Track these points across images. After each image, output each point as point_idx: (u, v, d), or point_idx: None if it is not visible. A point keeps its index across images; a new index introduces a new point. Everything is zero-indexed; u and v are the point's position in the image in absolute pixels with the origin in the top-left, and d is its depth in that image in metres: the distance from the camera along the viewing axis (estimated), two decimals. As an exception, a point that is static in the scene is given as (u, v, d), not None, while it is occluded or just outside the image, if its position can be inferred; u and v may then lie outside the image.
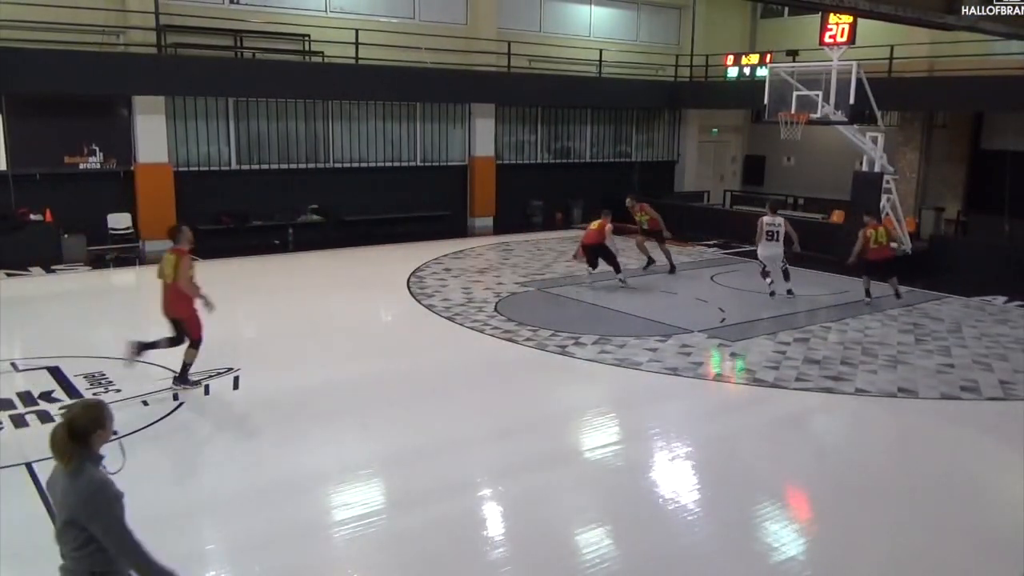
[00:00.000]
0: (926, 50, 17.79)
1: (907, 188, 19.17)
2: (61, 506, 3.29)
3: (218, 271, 14.72)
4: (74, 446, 3.24)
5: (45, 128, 15.12)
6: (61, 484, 3.28)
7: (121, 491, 3.32)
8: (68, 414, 3.31)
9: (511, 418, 7.84)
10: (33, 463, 6.47)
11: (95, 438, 3.31)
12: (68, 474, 3.25)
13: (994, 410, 8.34)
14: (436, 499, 6.14)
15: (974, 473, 6.93)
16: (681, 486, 6.56)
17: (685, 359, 9.66)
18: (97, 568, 3.30)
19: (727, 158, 25.18)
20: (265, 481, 6.38)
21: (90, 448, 3.29)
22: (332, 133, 18.28)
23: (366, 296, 13.04)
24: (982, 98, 16.64)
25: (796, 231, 12.93)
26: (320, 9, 17.72)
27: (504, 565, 5.31)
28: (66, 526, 3.26)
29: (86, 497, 3.21)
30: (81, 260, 14.82)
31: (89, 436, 3.28)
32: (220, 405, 8.02)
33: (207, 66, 15.74)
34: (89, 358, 9.15)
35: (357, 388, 8.61)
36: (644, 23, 23.20)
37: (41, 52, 14.01)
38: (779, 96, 15.83)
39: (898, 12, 7.13)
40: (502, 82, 19.29)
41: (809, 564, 5.38)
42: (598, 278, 13.61)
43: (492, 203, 20.31)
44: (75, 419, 3.27)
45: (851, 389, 8.71)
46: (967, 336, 10.87)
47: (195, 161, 16.62)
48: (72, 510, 3.23)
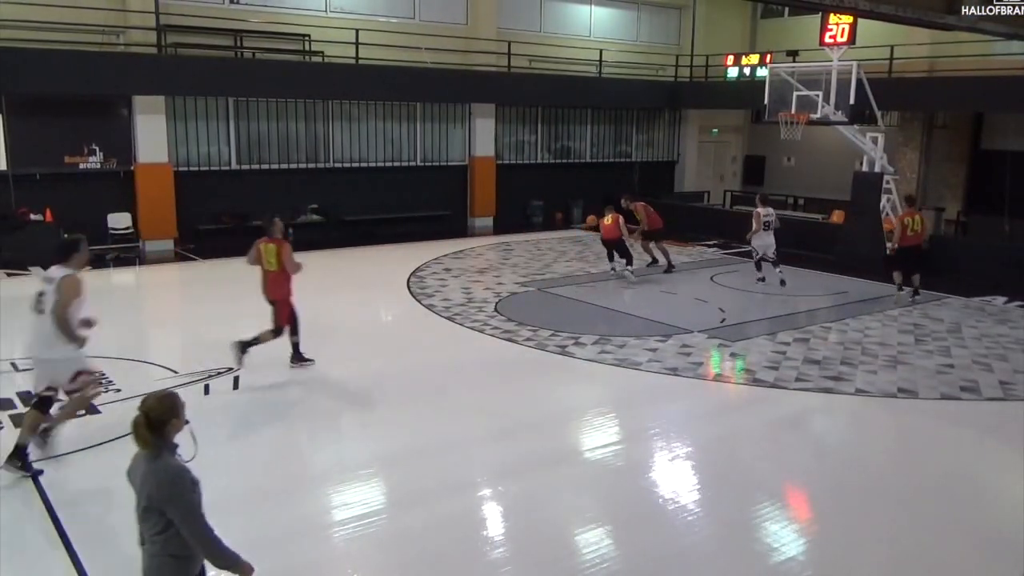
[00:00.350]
0: (926, 50, 17.80)
1: (907, 188, 19.14)
2: (140, 492, 3.45)
3: (218, 271, 14.75)
4: (152, 436, 3.42)
5: (45, 128, 15.13)
6: (141, 470, 3.46)
7: (197, 478, 3.49)
8: (144, 405, 3.47)
9: (511, 418, 7.84)
10: (33, 463, 6.48)
11: (170, 428, 3.49)
12: (148, 461, 3.44)
13: (994, 410, 8.33)
14: (436, 499, 6.14)
15: (974, 473, 6.93)
16: (681, 486, 6.56)
17: (685, 359, 9.66)
18: (176, 552, 3.46)
19: (727, 158, 25.19)
20: (265, 481, 6.38)
21: (165, 437, 3.47)
22: (332, 133, 18.28)
23: (366, 296, 13.03)
24: (982, 98, 16.65)
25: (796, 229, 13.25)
26: (320, 9, 17.73)
27: (504, 565, 5.31)
28: (146, 511, 3.43)
29: (164, 484, 3.39)
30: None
31: (165, 426, 3.46)
32: (220, 405, 8.01)
33: (207, 66, 15.75)
34: (89, 358, 9.13)
35: (357, 388, 8.61)
36: (644, 23, 23.20)
37: (41, 52, 14.02)
38: (779, 96, 15.85)
39: (898, 12, 7.13)
40: (502, 82, 19.29)
41: (809, 564, 5.38)
42: (598, 278, 13.62)
43: (492, 203, 20.32)
44: (152, 410, 3.44)
45: (851, 389, 8.71)
46: (967, 336, 10.87)
47: (195, 161, 16.62)
48: (151, 496, 3.40)
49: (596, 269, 15.13)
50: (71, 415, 6.72)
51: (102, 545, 5.38)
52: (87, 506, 5.89)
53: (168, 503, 3.38)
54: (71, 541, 5.36)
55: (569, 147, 22.26)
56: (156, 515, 3.41)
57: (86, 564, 5.11)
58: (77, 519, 5.65)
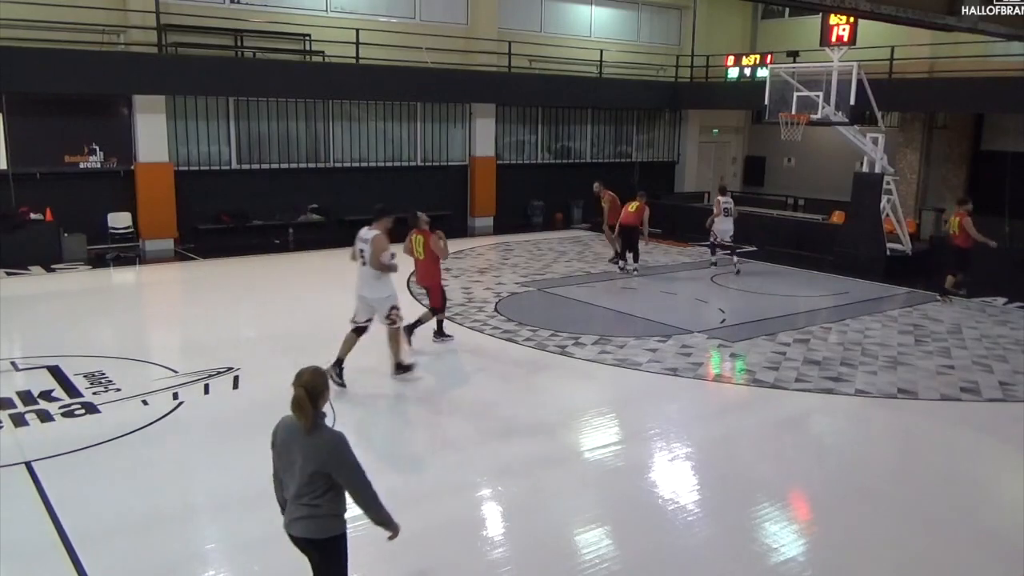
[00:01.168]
0: (927, 51, 17.79)
1: (907, 189, 19.19)
2: (307, 460, 3.80)
3: (218, 270, 14.76)
4: (312, 408, 3.77)
5: (46, 127, 15.12)
6: (300, 443, 3.81)
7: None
8: (302, 380, 3.79)
9: (511, 418, 7.83)
10: (33, 462, 6.48)
11: (322, 399, 3.87)
12: (308, 432, 3.79)
13: (994, 411, 8.34)
14: (436, 499, 6.14)
15: (974, 474, 6.93)
16: (681, 487, 6.56)
17: (685, 359, 9.66)
18: (337, 511, 3.92)
19: (727, 159, 25.18)
20: (265, 481, 6.29)
21: (319, 408, 3.84)
22: (332, 133, 18.28)
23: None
24: (982, 99, 16.64)
25: (796, 230, 13.27)
26: (321, 9, 17.73)
27: (504, 565, 5.31)
28: (313, 477, 3.80)
29: (332, 451, 3.82)
30: (81, 259, 14.82)
31: (319, 398, 3.83)
32: (220, 404, 8.01)
33: (208, 65, 15.74)
34: (89, 357, 9.16)
35: (356, 387, 8.61)
36: (645, 23, 23.20)
37: (42, 51, 14.01)
38: (780, 97, 15.84)
39: (899, 13, 7.12)
40: (503, 82, 19.29)
41: (808, 565, 5.38)
42: (598, 278, 13.62)
43: (492, 203, 20.31)
44: (310, 384, 3.78)
45: (851, 390, 8.71)
46: (967, 337, 10.87)
47: (195, 160, 16.61)
48: (321, 462, 3.79)
49: (596, 269, 15.14)
50: (396, 344, 8.62)
51: (102, 545, 5.38)
52: (87, 506, 5.88)
53: (338, 467, 3.81)
54: (71, 541, 5.36)
55: (569, 147, 22.26)
56: (323, 479, 3.81)
57: (86, 564, 5.11)
58: (77, 519, 5.65)
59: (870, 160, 15.55)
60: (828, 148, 20.86)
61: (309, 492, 3.83)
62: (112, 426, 7.27)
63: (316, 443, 3.80)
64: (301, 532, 3.92)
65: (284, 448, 3.91)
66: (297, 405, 3.77)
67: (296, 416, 3.80)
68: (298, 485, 3.84)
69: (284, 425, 3.92)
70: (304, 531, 3.91)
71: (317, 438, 3.81)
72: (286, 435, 3.89)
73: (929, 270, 14.94)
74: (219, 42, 16.54)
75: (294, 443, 3.85)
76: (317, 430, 3.82)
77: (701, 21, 23.59)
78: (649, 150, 23.74)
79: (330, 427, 3.91)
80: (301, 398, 3.76)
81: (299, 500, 3.87)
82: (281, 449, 3.93)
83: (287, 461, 3.90)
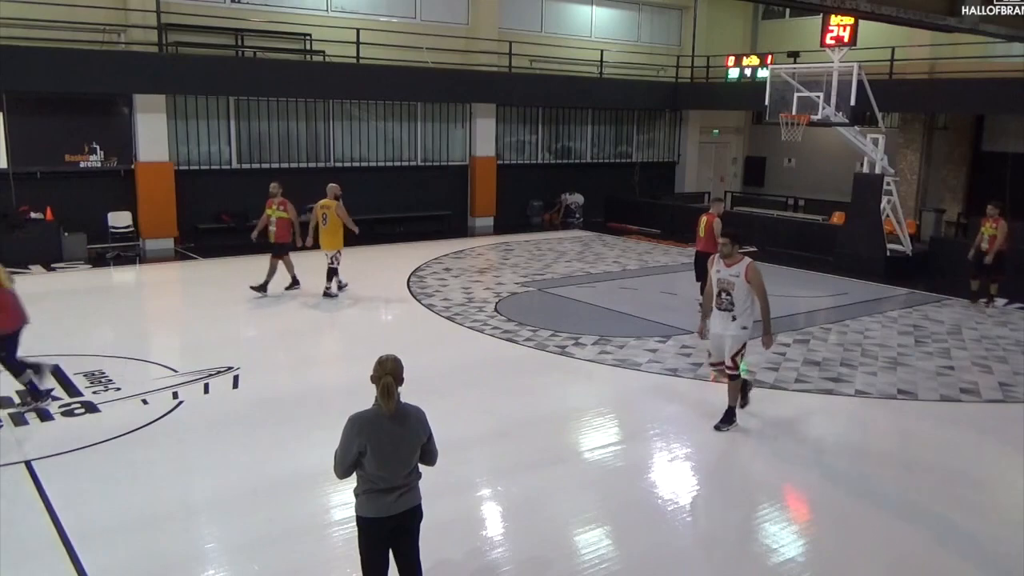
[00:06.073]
0: (927, 52, 17.80)
1: (908, 190, 19.20)
2: (411, 439, 4.10)
3: (218, 270, 14.76)
4: (397, 392, 4.06)
5: (46, 126, 15.12)
6: (389, 430, 4.04)
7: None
8: (386, 369, 4.04)
9: (511, 418, 7.83)
10: (33, 461, 6.49)
11: (401, 382, 4.14)
12: (396, 415, 4.05)
13: (994, 412, 8.34)
14: (436, 499, 6.11)
15: (973, 475, 6.92)
16: (681, 487, 6.56)
17: (685, 360, 9.66)
18: (419, 476, 4.23)
19: (728, 159, 25.19)
20: (265, 481, 6.38)
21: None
22: (333, 132, 18.28)
23: (366, 295, 13.02)
24: (983, 100, 16.65)
25: (796, 231, 13.11)
26: (321, 8, 17.73)
27: (504, 565, 5.31)
28: (414, 451, 4.13)
29: (424, 418, 4.19)
30: (81, 258, 14.82)
31: (401, 382, 4.10)
32: (220, 404, 8.01)
33: (208, 65, 15.75)
34: (89, 356, 9.16)
35: (356, 387, 8.58)
36: (645, 24, 23.21)
37: (42, 50, 14.01)
38: (780, 97, 15.83)
39: (900, 14, 7.12)
40: (503, 82, 19.29)
41: (808, 566, 5.38)
42: (597, 278, 13.62)
43: (492, 203, 20.31)
44: (395, 371, 4.05)
45: (851, 391, 8.71)
46: (967, 338, 10.87)
47: (196, 160, 16.62)
48: (421, 433, 4.15)
49: (596, 269, 15.14)
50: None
51: (102, 544, 5.38)
52: (87, 505, 5.88)
53: (430, 436, 4.20)
54: (70, 540, 5.36)
55: (570, 147, 22.26)
56: (417, 452, 4.15)
57: (85, 563, 5.11)
58: (77, 518, 5.65)
59: (870, 161, 15.55)
60: (828, 149, 20.87)
61: (410, 466, 4.12)
62: (112, 425, 7.27)
63: (411, 422, 4.11)
64: (409, 504, 4.15)
65: (376, 443, 4.01)
66: (387, 392, 4.01)
67: (383, 402, 4.02)
68: (407, 467, 4.10)
69: (364, 420, 4.06)
70: (412, 501, 4.17)
71: (409, 417, 4.11)
72: (371, 429, 4.03)
73: (930, 271, 14.95)
74: (219, 41, 16.54)
75: (383, 433, 4.02)
76: (405, 408, 4.11)
77: (701, 21, 23.60)
78: (649, 150, 23.75)
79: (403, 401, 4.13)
80: (390, 385, 4.01)
81: (408, 479, 4.12)
82: (374, 446, 4.01)
83: (382, 455, 4.02)
